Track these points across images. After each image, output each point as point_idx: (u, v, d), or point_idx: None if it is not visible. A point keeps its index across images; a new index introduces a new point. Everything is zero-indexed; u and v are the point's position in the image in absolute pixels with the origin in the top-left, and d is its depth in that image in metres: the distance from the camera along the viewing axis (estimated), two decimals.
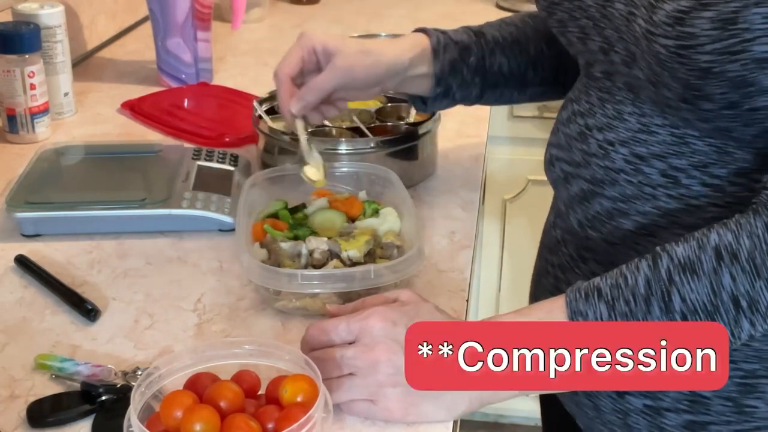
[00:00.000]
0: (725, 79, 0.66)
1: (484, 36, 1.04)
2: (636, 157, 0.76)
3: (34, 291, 0.94)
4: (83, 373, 0.79)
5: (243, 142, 1.30)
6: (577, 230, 0.85)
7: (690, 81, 0.68)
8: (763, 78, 0.65)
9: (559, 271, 0.90)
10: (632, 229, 0.78)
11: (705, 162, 0.73)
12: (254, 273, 0.87)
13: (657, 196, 0.76)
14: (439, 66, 1.01)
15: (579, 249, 0.86)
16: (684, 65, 0.67)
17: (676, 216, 0.75)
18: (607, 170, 0.79)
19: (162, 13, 1.50)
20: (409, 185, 1.14)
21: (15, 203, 1.04)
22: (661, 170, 0.75)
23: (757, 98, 0.66)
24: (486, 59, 1.03)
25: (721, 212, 0.73)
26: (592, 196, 0.81)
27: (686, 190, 0.74)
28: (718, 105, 0.68)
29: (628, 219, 0.78)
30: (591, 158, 0.81)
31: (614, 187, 0.79)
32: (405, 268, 0.88)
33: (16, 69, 1.26)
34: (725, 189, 0.73)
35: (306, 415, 0.66)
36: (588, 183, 0.82)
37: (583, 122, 0.82)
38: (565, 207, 0.87)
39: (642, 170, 0.76)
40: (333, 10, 2.06)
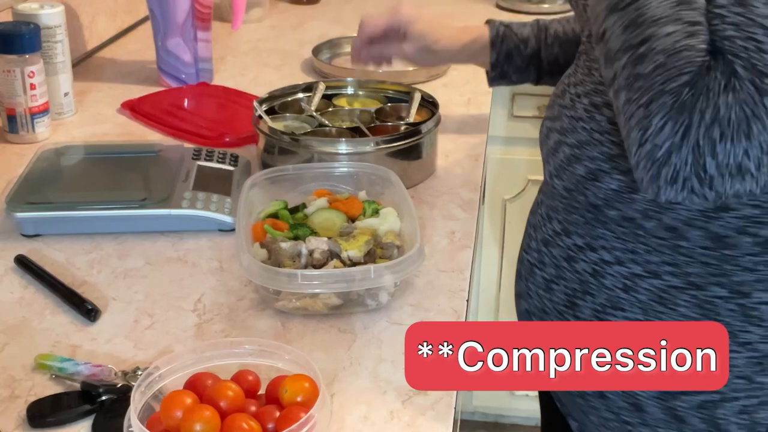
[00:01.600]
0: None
1: (547, 29, 1.21)
2: (592, 106, 0.84)
3: (34, 291, 0.94)
4: (83, 373, 0.79)
5: (243, 142, 1.30)
6: (548, 183, 0.92)
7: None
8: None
9: (533, 229, 0.96)
10: (582, 174, 0.84)
11: None
12: (254, 273, 0.87)
13: (604, 142, 0.82)
14: (495, 55, 1.22)
15: (547, 209, 0.93)
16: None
17: (617, 161, 0.81)
18: (571, 119, 0.87)
19: (162, 13, 1.50)
20: (409, 185, 1.14)
21: (15, 203, 1.04)
22: (609, 118, 0.82)
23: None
24: (542, 51, 1.21)
25: None
26: (559, 146, 0.88)
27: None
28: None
29: (580, 164, 0.85)
30: (563, 110, 0.89)
31: (573, 134, 0.86)
32: (405, 268, 0.88)
33: (16, 69, 1.26)
34: None
35: (306, 414, 0.66)
36: (558, 134, 0.89)
37: (567, 81, 0.92)
38: (543, 163, 0.94)
39: (595, 118, 0.83)
40: (333, 10, 2.06)
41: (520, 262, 1.00)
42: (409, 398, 0.79)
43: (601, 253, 0.84)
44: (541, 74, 1.23)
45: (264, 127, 1.19)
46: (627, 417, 0.86)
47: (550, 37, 1.21)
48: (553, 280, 0.90)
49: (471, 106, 1.49)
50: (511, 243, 1.96)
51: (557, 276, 0.89)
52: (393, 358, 0.84)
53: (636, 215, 0.81)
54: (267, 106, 1.27)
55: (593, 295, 0.85)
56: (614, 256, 0.83)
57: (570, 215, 0.87)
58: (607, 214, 0.83)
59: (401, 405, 0.78)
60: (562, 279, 0.89)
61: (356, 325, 0.89)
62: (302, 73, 1.63)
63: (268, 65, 1.69)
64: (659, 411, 0.84)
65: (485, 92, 1.54)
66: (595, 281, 0.85)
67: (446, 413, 0.77)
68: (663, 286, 0.81)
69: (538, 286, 0.92)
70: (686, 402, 0.82)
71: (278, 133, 1.17)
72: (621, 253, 0.83)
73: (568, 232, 0.88)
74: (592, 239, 0.85)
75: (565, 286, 0.88)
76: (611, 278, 0.84)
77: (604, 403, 0.87)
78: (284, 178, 1.06)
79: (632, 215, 0.81)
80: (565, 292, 0.88)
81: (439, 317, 0.91)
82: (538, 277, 0.93)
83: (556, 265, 0.89)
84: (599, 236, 0.84)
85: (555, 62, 1.20)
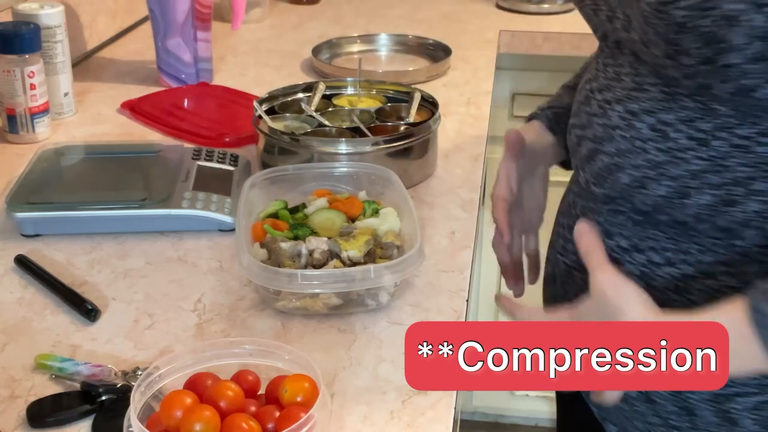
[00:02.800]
0: (698, 34, 0.71)
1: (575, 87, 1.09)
2: (629, 113, 0.81)
3: (34, 291, 0.94)
4: (83, 373, 0.79)
5: (243, 142, 1.30)
6: (584, 189, 0.89)
7: (669, 36, 0.73)
8: (732, 35, 0.70)
9: (567, 232, 0.93)
10: (627, 183, 0.82)
11: (691, 117, 0.77)
12: (254, 273, 0.87)
13: (647, 149, 0.80)
14: (561, 136, 1.04)
15: (585, 210, 0.90)
16: (663, 20, 0.73)
17: (664, 168, 0.79)
18: (605, 127, 0.84)
19: (162, 13, 1.50)
20: (409, 185, 1.14)
21: (15, 203, 1.04)
22: (651, 125, 0.79)
23: (728, 55, 0.71)
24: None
25: (705, 165, 0.77)
26: (595, 154, 0.86)
27: (673, 143, 0.78)
28: (695, 60, 0.73)
29: (623, 173, 0.82)
30: (592, 118, 0.86)
31: (611, 143, 0.83)
32: (405, 268, 0.88)
33: (16, 69, 1.26)
34: (709, 142, 0.76)
35: (306, 414, 0.66)
36: (591, 142, 0.86)
37: (589, 87, 0.89)
38: (577, 169, 0.91)
39: (634, 125, 0.81)
40: (333, 10, 2.06)
41: (553, 265, 0.97)
42: (409, 398, 0.79)
43: (649, 254, 0.83)
44: None
45: (264, 127, 1.19)
46: (675, 422, 0.84)
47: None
48: None
49: (471, 106, 1.49)
50: None
51: None
52: (393, 358, 0.84)
53: (688, 219, 0.79)
54: (267, 106, 1.27)
55: None
56: (664, 257, 0.82)
57: (614, 217, 0.85)
58: (657, 219, 0.81)
59: (401, 405, 0.78)
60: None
61: (356, 325, 0.89)
62: (302, 73, 1.63)
63: (268, 65, 1.69)
64: (712, 414, 0.82)
65: (485, 92, 1.55)
66: (644, 283, 0.82)
67: (446, 413, 0.77)
68: (717, 286, 0.80)
69: (578, 289, 0.89)
70: (740, 404, 0.81)
71: (278, 133, 1.17)
72: (672, 254, 0.81)
73: (610, 234, 0.86)
74: (640, 240, 0.83)
75: None
76: (661, 280, 0.82)
77: (651, 408, 0.85)
78: (284, 178, 1.06)
79: (684, 219, 0.79)
80: None
81: (439, 317, 0.91)
82: (578, 279, 0.90)
83: None
84: (648, 237, 0.83)
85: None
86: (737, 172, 0.75)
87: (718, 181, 0.76)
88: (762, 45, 0.69)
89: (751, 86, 0.71)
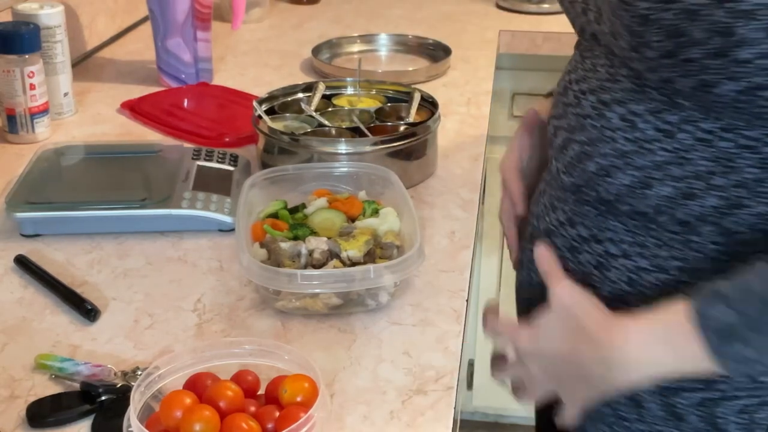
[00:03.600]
0: (660, 27, 0.72)
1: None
2: (601, 103, 0.82)
3: (34, 291, 0.94)
4: (83, 373, 0.79)
5: (243, 142, 1.30)
6: (555, 177, 0.90)
7: (633, 28, 0.74)
8: (692, 29, 0.70)
9: (535, 219, 0.95)
10: (594, 171, 0.83)
11: (659, 108, 0.77)
12: (254, 273, 0.87)
13: (615, 138, 0.81)
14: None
15: (552, 198, 0.91)
16: (627, 12, 0.74)
17: (630, 158, 0.80)
18: (577, 117, 0.85)
19: (162, 13, 1.50)
20: (409, 185, 1.14)
21: (15, 203, 1.04)
22: (621, 115, 0.80)
23: (689, 49, 0.71)
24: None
25: (669, 157, 0.77)
26: (568, 143, 0.87)
27: (641, 133, 0.79)
28: (657, 53, 0.73)
29: (591, 161, 0.83)
30: (568, 108, 0.87)
31: (582, 132, 0.84)
32: (405, 268, 0.88)
33: (16, 69, 1.26)
34: (675, 135, 0.77)
35: (306, 414, 0.66)
36: (566, 132, 0.87)
37: (568, 78, 0.90)
38: (551, 159, 0.92)
39: (604, 115, 0.82)
40: (333, 10, 2.06)
41: (522, 251, 1.00)
42: (409, 398, 0.79)
43: (606, 245, 0.84)
44: None
45: (264, 127, 1.19)
46: (624, 413, 0.86)
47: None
48: None
49: (471, 105, 1.49)
50: None
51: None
52: (393, 358, 0.84)
53: (648, 210, 0.80)
54: (267, 106, 1.27)
55: (596, 287, 0.85)
56: (621, 249, 0.83)
57: (579, 207, 0.87)
58: (618, 209, 0.83)
59: (401, 405, 0.78)
60: (565, 270, 0.87)
61: (356, 325, 0.89)
62: (302, 73, 1.63)
63: (268, 65, 1.69)
64: (658, 408, 0.84)
65: (485, 92, 1.55)
66: (599, 273, 0.85)
67: (446, 413, 0.77)
68: (670, 281, 0.81)
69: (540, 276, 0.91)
70: (686, 399, 0.82)
71: (278, 133, 1.17)
72: (628, 246, 0.83)
73: (573, 222, 0.88)
74: (599, 231, 0.85)
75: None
76: (616, 271, 0.84)
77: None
78: (284, 178, 1.06)
79: (644, 210, 0.81)
80: None
81: (439, 317, 0.91)
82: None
83: (559, 255, 0.89)
84: (608, 228, 0.84)
85: None
86: (699, 165, 0.76)
87: (680, 173, 0.77)
88: (722, 40, 0.69)
89: (711, 82, 0.72)
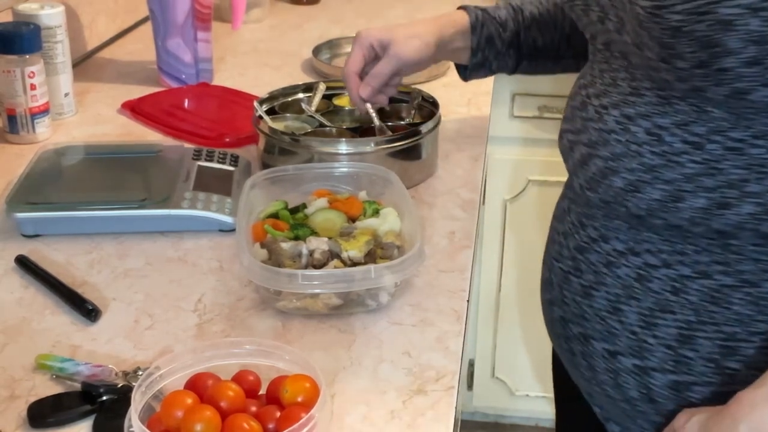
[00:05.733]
0: (693, 38, 0.71)
1: (522, 12, 1.16)
2: (625, 118, 0.82)
3: (34, 291, 0.94)
4: (84, 374, 0.79)
5: (243, 142, 1.30)
6: (579, 194, 0.90)
7: (664, 40, 0.73)
8: (727, 39, 0.70)
9: (562, 237, 0.93)
10: (621, 187, 0.83)
11: (686, 120, 0.77)
12: (254, 273, 0.87)
13: (642, 153, 0.80)
14: (476, 40, 1.15)
15: (579, 216, 0.90)
16: (658, 24, 0.73)
17: (659, 172, 0.79)
18: (600, 132, 0.84)
19: (162, 13, 1.50)
20: (409, 185, 1.14)
21: (15, 203, 1.04)
22: (647, 129, 0.80)
23: (723, 59, 0.71)
24: (521, 33, 1.16)
25: (699, 168, 0.77)
26: (589, 158, 0.86)
27: (668, 146, 0.78)
28: (689, 64, 0.73)
29: (618, 177, 0.83)
30: (588, 123, 0.86)
31: (606, 147, 0.84)
32: (405, 268, 0.88)
33: (16, 69, 1.26)
34: (703, 146, 0.76)
35: (307, 415, 0.66)
36: (586, 147, 0.87)
37: (585, 92, 0.89)
38: (570, 174, 0.92)
39: (629, 129, 0.81)
40: (333, 10, 2.06)
41: (550, 270, 0.97)
42: (410, 398, 0.79)
43: (645, 257, 0.83)
44: (521, 59, 1.18)
45: (264, 127, 1.19)
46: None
47: (527, 20, 1.16)
48: (592, 287, 0.88)
49: (471, 106, 1.49)
50: (511, 243, 1.96)
51: (597, 282, 0.88)
52: (393, 358, 0.84)
53: (682, 222, 0.79)
54: (267, 106, 1.27)
55: (638, 299, 0.84)
56: (660, 259, 0.82)
57: (610, 222, 0.86)
58: (651, 222, 0.82)
59: (401, 405, 0.78)
60: (603, 285, 0.87)
61: (356, 325, 0.89)
62: (302, 73, 1.63)
63: (268, 65, 1.69)
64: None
65: (485, 92, 1.54)
66: (641, 285, 0.84)
67: (446, 413, 0.77)
68: (715, 285, 0.80)
69: (575, 293, 0.91)
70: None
71: (278, 134, 1.17)
72: (668, 255, 0.82)
73: (606, 238, 0.86)
74: (636, 243, 0.84)
75: (607, 292, 0.87)
76: (658, 281, 0.83)
77: (653, 407, 0.86)
78: (284, 179, 1.06)
79: (678, 223, 0.80)
80: (606, 297, 0.87)
81: (439, 317, 0.91)
82: (575, 284, 0.91)
83: (595, 271, 0.88)
84: (644, 240, 0.83)
85: (533, 45, 1.16)
86: (731, 174, 0.76)
87: (712, 184, 0.77)
88: (757, 49, 0.69)
89: (746, 89, 0.72)
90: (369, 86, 1.14)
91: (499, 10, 1.16)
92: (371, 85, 1.14)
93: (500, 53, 1.16)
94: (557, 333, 0.96)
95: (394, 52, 1.13)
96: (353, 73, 1.15)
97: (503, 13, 1.16)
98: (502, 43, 1.16)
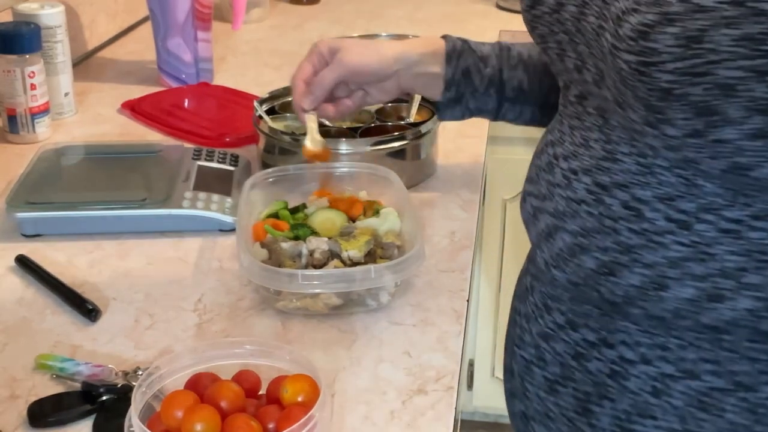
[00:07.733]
0: (687, 103, 0.60)
1: (509, 50, 1.05)
2: (598, 187, 0.71)
3: (34, 291, 0.94)
4: (84, 373, 0.79)
5: (243, 142, 1.30)
6: (543, 271, 0.79)
7: (651, 102, 0.62)
8: (728, 107, 0.59)
9: (524, 320, 0.84)
10: (593, 268, 0.72)
11: (671, 194, 0.66)
12: (254, 273, 0.87)
13: (618, 230, 0.69)
14: (450, 72, 1.03)
15: (544, 296, 0.80)
16: (645, 84, 0.62)
17: (638, 253, 0.68)
18: (568, 201, 0.73)
19: (162, 13, 1.50)
20: (409, 185, 1.14)
21: (15, 203, 1.04)
22: (624, 201, 0.69)
23: (722, 129, 0.60)
24: (504, 72, 1.04)
25: (687, 252, 0.67)
26: (556, 231, 0.75)
27: (649, 224, 0.68)
28: (681, 132, 0.62)
29: (589, 256, 0.72)
30: (555, 189, 0.75)
31: (575, 219, 0.73)
32: (405, 268, 0.88)
33: (16, 69, 1.26)
34: (692, 226, 0.66)
35: (307, 414, 0.66)
36: (551, 217, 0.76)
37: (552, 152, 0.78)
38: (534, 246, 0.81)
39: (603, 201, 0.70)
40: (333, 10, 2.07)
41: (511, 356, 0.87)
42: (410, 398, 0.79)
43: (620, 349, 0.72)
44: (502, 101, 1.05)
45: (264, 127, 1.19)
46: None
47: (513, 59, 1.03)
48: (558, 381, 0.78)
49: None
50: (511, 243, 1.97)
51: (563, 376, 0.77)
52: (393, 358, 0.84)
53: (665, 314, 0.68)
54: (267, 106, 1.27)
55: (612, 399, 0.73)
56: (638, 353, 0.71)
57: (579, 306, 0.74)
58: (628, 311, 0.70)
59: (401, 405, 0.78)
60: (570, 380, 0.76)
61: (356, 325, 0.89)
62: None
63: (268, 65, 1.69)
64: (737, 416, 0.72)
65: None
66: (615, 383, 0.73)
67: (446, 413, 0.77)
68: (703, 388, 0.69)
69: (539, 387, 0.80)
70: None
71: (278, 133, 1.17)
72: (647, 349, 0.70)
73: (575, 325, 0.75)
74: (609, 333, 0.72)
75: (575, 389, 0.76)
76: (636, 380, 0.72)
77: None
78: (284, 178, 1.06)
79: (660, 314, 0.68)
80: (574, 395, 0.76)
81: (440, 317, 0.91)
82: (538, 376, 0.80)
83: (561, 363, 0.77)
84: (619, 330, 0.72)
85: (518, 87, 1.03)
86: (725, 261, 0.65)
87: (702, 271, 0.66)
88: (763, 120, 0.58)
89: (748, 165, 0.61)
90: (311, 94, 1.05)
91: (483, 45, 1.05)
92: (314, 93, 1.04)
93: (477, 91, 1.04)
94: (519, 430, 0.89)
95: (339, 58, 1.03)
96: (300, 81, 1.06)
97: (486, 48, 1.04)
98: (481, 80, 1.03)
